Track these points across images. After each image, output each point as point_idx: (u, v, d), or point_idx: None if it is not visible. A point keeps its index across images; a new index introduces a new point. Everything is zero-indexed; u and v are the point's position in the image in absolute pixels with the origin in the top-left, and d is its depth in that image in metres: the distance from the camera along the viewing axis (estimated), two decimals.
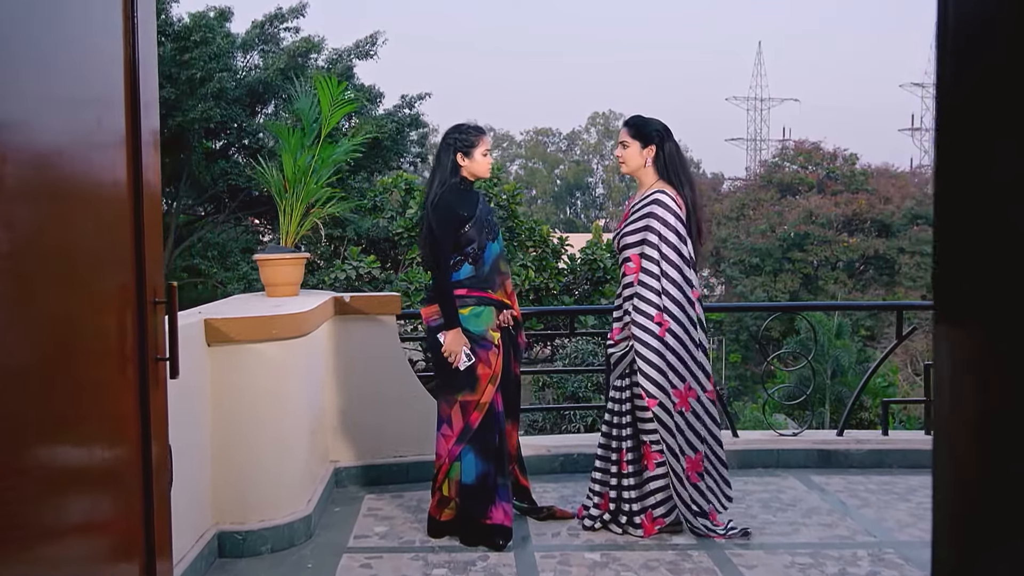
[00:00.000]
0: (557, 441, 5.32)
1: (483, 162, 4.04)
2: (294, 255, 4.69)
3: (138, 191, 1.66)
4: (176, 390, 3.41)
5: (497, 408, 4.00)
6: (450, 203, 3.98)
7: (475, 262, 4.01)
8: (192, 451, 3.58)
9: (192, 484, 3.58)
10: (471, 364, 3.93)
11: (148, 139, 1.75)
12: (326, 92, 4.72)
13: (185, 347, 3.55)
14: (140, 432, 1.69)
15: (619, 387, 4.05)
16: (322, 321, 4.52)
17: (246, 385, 3.83)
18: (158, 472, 1.75)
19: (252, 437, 3.86)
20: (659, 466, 3.97)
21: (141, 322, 1.69)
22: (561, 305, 14.41)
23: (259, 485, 3.89)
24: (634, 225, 3.99)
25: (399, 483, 4.88)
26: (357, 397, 4.87)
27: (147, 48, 1.76)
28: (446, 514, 4.04)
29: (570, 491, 4.77)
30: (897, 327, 5.59)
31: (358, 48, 18.79)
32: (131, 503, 1.66)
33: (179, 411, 3.41)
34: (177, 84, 15.73)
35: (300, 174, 4.68)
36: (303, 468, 4.14)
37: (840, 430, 5.44)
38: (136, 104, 1.69)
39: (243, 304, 4.35)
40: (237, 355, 3.79)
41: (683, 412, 3.89)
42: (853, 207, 31.72)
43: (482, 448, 3.95)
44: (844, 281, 31.16)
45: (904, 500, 4.64)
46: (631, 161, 4.08)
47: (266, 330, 3.81)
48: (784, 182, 34.57)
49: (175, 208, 18.30)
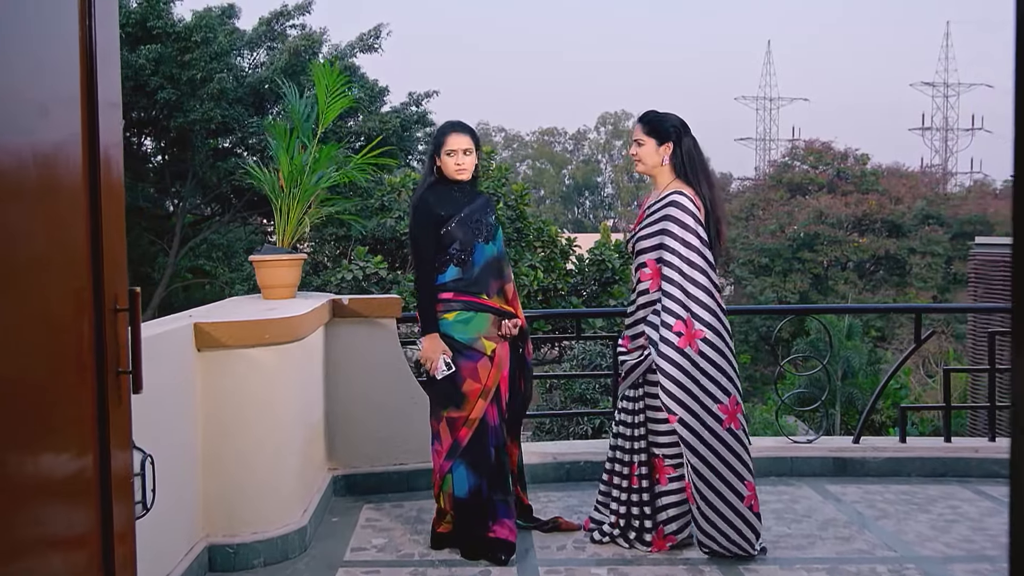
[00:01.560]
0: (563, 448, 5.14)
1: (447, 162, 3.86)
2: (290, 256, 4.54)
3: (95, 187, 1.51)
4: (164, 397, 3.27)
5: (491, 422, 3.83)
6: (427, 202, 3.87)
7: (462, 263, 3.84)
8: (181, 460, 3.43)
9: (181, 495, 3.43)
10: (454, 377, 3.76)
11: (108, 131, 1.59)
12: (323, 82, 4.55)
13: (174, 352, 3.42)
14: (98, 454, 1.53)
15: (631, 397, 3.86)
16: (319, 324, 4.36)
17: (238, 392, 3.68)
18: (120, 496, 1.59)
19: (244, 446, 3.70)
20: (672, 480, 3.78)
21: (99, 332, 1.53)
22: (569, 305, 14.30)
23: (251, 496, 3.73)
24: (649, 228, 3.78)
25: (399, 492, 4.71)
26: (356, 403, 4.72)
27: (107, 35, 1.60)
28: (444, 526, 3.89)
29: (576, 501, 4.60)
30: (915, 331, 5.40)
31: (361, 41, 18.55)
32: (88, 534, 1.51)
33: (167, 419, 3.27)
34: (179, 85, 15.64)
35: (296, 173, 4.52)
36: (298, 477, 3.98)
37: (856, 437, 5.26)
38: (93, 96, 1.53)
39: (236, 307, 4.20)
40: (228, 360, 3.63)
41: (732, 429, 3.64)
42: (864, 207, 31.47)
43: (474, 462, 3.79)
44: (854, 282, 30.91)
45: (924, 511, 4.45)
46: (647, 160, 3.86)
47: (258, 335, 3.65)
48: (794, 182, 34.32)
49: (180, 208, 18.20)
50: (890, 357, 21.46)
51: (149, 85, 15.52)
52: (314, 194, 4.70)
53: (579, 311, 8.98)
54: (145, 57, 15.11)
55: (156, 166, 18.41)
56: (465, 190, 3.92)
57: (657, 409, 3.75)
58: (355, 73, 18.62)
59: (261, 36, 18.37)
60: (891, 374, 5.83)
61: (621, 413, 3.91)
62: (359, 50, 18.51)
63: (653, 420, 3.79)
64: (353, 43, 18.54)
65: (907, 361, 21.43)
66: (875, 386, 17.91)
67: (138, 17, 15.62)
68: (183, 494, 3.44)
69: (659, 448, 3.79)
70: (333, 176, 4.71)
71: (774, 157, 49.02)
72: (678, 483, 3.80)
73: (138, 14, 15.64)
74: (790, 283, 30.58)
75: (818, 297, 30.35)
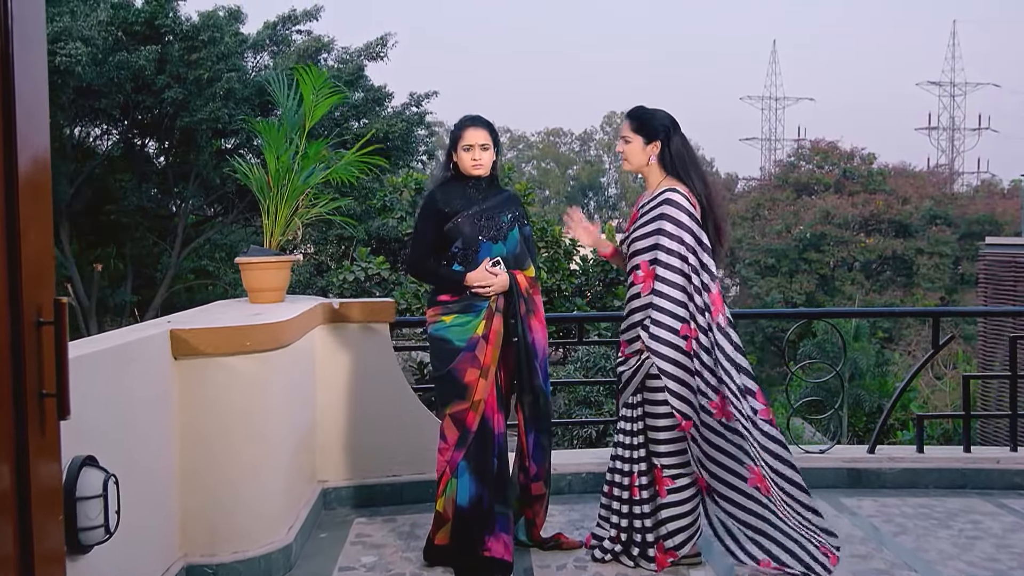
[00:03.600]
0: (564, 459, 4.91)
1: (464, 157, 3.67)
2: (278, 258, 4.32)
3: (10, 183, 1.29)
4: (138, 409, 3.06)
5: (496, 429, 3.61)
6: (433, 197, 3.70)
7: (465, 262, 3.63)
8: (156, 476, 3.22)
9: (156, 512, 3.22)
10: (453, 372, 3.57)
11: (29, 118, 1.38)
12: (308, 83, 4.35)
13: (148, 361, 3.20)
14: (15, 488, 1.32)
15: (631, 404, 3.65)
16: (307, 330, 4.15)
17: (218, 402, 3.46)
18: (45, 539, 1.38)
19: (225, 460, 3.49)
20: (671, 492, 3.56)
21: (16, 348, 1.32)
22: (573, 306, 14.08)
23: (232, 512, 3.52)
24: (644, 229, 3.57)
25: (393, 504, 4.50)
26: (348, 411, 4.50)
27: (25, 7, 1.39)
28: (440, 536, 3.66)
29: (578, 515, 4.38)
30: (933, 336, 5.16)
31: (368, 50, 18.62)
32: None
33: (141, 432, 3.06)
34: (185, 84, 15.52)
35: (284, 171, 4.31)
36: (283, 492, 3.77)
37: (871, 447, 5.03)
38: (8, 80, 1.32)
39: (220, 312, 3.98)
40: (207, 370, 3.42)
41: (725, 421, 3.42)
42: (871, 207, 31.23)
43: (478, 468, 3.57)
44: (861, 282, 30.65)
45: (944, 527, 4.22)
46: (633, 158, 3.65)
47: (238, 342, 3.44)
48: (800, 182, 34.06)
49: (183, 209, 18.04)
50: (897, 358, 21.18)
51: (156, 84, 15.41)
52: (303, 193, 4.49)
53: (582, 315, 8.75)
54: (145, 58, 14.98)
55: (159, 167, 18.29)
56: (481, 187, 3.72)
57: (656, 417, 3.54)
58: (363, 80, 18.52)
59: (265, 40, 18.28)
60: (907, 381, 5.58)
61: (621, 421, 3.70)
62: (366, 58, 18.49)
63: (652, 428, 3.58)
64: (360, 50, 18.49)
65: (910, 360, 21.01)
66: (882, 388, 17.64)
67: (146, 16, 15.52)
68: (158, 511, 3.23)
69: (658, 458, 3.58)
70: (321, 174, 4.50)
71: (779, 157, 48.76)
72: (678, 495, 3.59)
73: (146, 13, 15.53)
74: (796, 284, 30.34)
75: (824, 298, 30.08)
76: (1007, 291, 14.83)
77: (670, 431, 3.54)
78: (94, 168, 17.25)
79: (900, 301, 28.95)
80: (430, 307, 3.70)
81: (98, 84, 14.89)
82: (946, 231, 30.65)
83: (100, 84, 14.93)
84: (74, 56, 13.53)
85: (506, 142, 63.87)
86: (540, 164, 66.80)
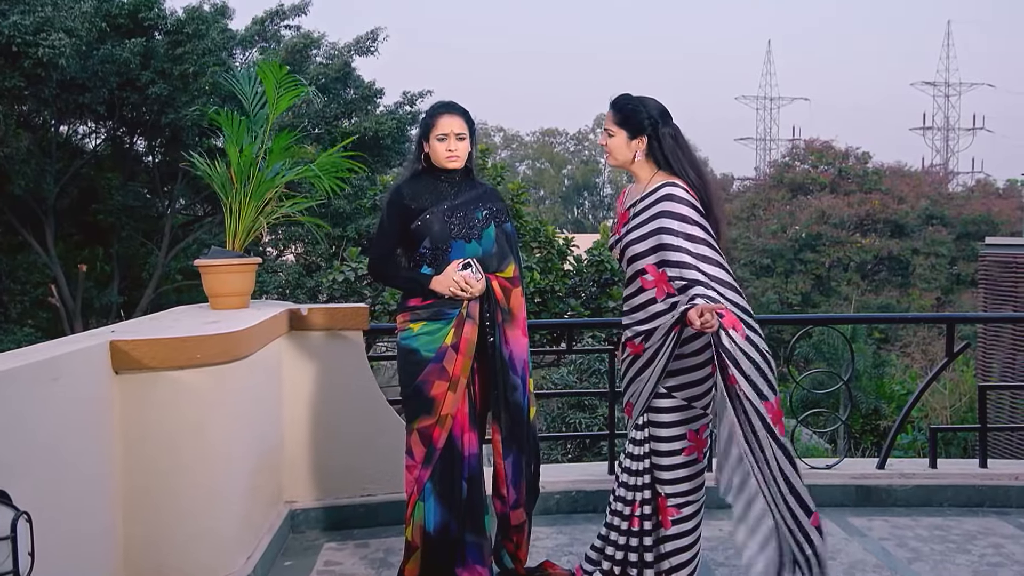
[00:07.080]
0: (554, 475, 4.55)
1: (437, 148, 3.30)
2: (241, 261, 3.99)
3: None
4: (69, 430, 2.71)
5: (465, 451, 3.27)
6: (399, 192, 3.34)
7: (435, 263, 3.28)
8: (90, 508, 2.88)
9: (95, 544, 2.88)
10: (421, 385, 3.23)
11: None
12: (270, 76, 4.02)
13: (83, 376, 2.84)
14: None
15: (639, 425, 3.25)
16: (270, 339, 3.80)
17: (165, 421, 3.12)
18: None
19: (174, 484, 3.15)
20: (675, 523, 3.20)
21: None
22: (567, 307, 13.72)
23: (183, 543, 3.17)
24: (641, 229, 3.13)
25: (366, 527, 4.16)
26: (318, 427, 4.16)
27: None
28: (411, 567, 3.29)
29: (567, 538, 4.05)
30: (947, 343, 4.84)
31: (358, 44, 18.41)
32: None
33: (73, 455, 2.71)
34: (170, 80, 15.22)
35: (247, 167, 3.97)
36: (241, 518, 3.43)
37: (881, 462, 4.71)
38: None
39: (171, 321, 3.64)
40: (152, 385, 3.08)
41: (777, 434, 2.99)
42: (866, 207, 31.00)
43: (443, 492, 3.24)
44: (857, 283, 30.38)
45: (963, 551, 3.90)
46: (617, 153, 3.22)
47: (187, 355, 3.09)
48: (796, 182, 33.78)
49: (171, 209, 17.70)
50: (895, 360, 20.86)
51: (140, 80, 15.11)
52: (271, 189, 4.15)
53: (572, 320, 8.44)
54: (130, 51, 14.69)
55: (147, 166, 17.98)
56: (454, 180, 3.36)
57: (662, 441, 3.18)
58: (351, 74, 18.24)
59: (253, 36, 18.03)
60: (920, 392, 5.22)
61: (630, 444, 3.31)
62: (356, 53, 18.26)
63: (656, 453, 3.21)
64: (350, 44, 18.24)
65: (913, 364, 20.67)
66: (880, 390, 17.33)
67: (130, 8, 15.23)
68: (94, 547, 2.89)
69: (663, 486, 3.21)
70: (291, 172, 4.17)
71: (775, 157, 48.47)
72: (683, 525, 3.23)
73: (130, 6, 15.25)
74: (792, 284, 30.08)
75: (820, 298, 29.82)
76: (1007, 292, 14.53)
77: (676, 455, 3.17)
78: (80, 166, 16.93)
79: (896, 301, 28.70)
80: (399, 312, 3.35)
81: (83, 78, 14.59)
82: (942, 231, 30.44)
83: (85, 78, 14.64)
84: (57, 48, 13.19)
85: (500, 142, 63.46)
86: (535, 164, 66.40)
